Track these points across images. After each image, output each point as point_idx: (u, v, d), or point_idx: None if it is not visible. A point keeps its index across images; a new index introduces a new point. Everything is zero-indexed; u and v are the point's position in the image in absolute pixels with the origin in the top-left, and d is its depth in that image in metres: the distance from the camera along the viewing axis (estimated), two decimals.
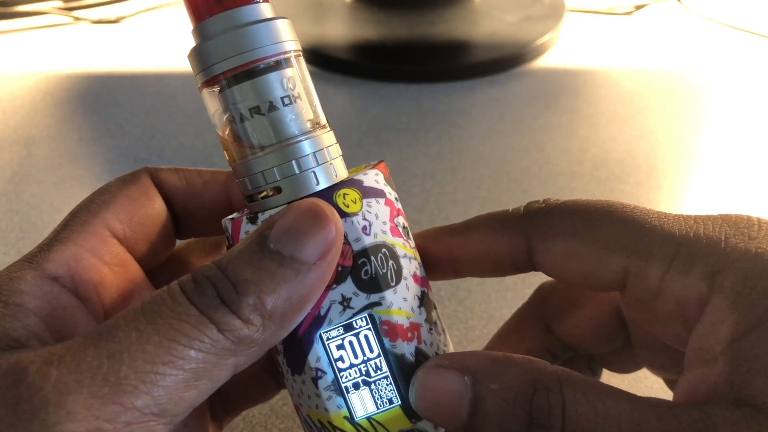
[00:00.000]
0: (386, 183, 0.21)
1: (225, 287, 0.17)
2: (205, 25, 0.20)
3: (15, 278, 0.19)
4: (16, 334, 0.18)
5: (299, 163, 0.20)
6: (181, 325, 0.17)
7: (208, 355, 0.17)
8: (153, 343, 0.16)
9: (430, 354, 0.21)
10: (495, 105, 0.52)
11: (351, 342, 0.20)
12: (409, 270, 0.21)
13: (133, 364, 0.16)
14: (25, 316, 0.18)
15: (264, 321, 0.17)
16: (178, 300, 0.17)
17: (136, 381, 0.16)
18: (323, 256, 0.18)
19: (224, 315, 0.17)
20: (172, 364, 0.16)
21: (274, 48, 0.19)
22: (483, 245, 0.22)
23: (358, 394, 0.20)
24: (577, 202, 0.21)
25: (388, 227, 0.20)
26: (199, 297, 0.17)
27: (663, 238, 0.19)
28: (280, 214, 0.18)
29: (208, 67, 0.20)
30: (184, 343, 0.16)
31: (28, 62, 0.59)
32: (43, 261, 0.19)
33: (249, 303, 0.17)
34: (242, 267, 0.18)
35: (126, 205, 0.21)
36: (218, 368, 0.17)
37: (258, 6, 0.20)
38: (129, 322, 0.17)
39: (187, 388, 0.17)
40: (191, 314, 0.17)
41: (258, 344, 0.18)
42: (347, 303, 0.20)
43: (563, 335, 0.25)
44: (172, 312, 0.17)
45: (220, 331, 0.17)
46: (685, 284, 0.19)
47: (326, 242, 0.18)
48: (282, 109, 0.20)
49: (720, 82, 0.54)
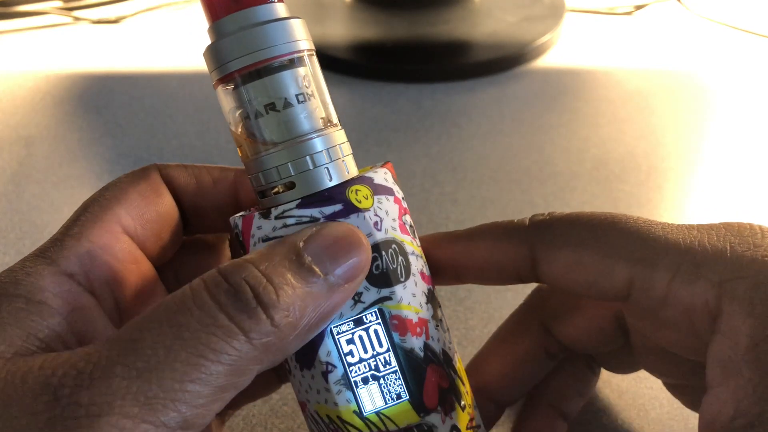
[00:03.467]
0: (394, 182, 0.22)
1: (265, 289, 0.17)
2: (221, 24, 0.20)
3: (32, 273, 0.19)
4: (41, 335, 0.18)
5: (313, 159, 0.20)
6: (210, 339, 0.16)
7: (235, 367, 0.17)
8: (181, 361, 0.16)
9: (437, 350, 0.21)
10: (495, 105, 0.52)
11: (361, 336, 0.20)
12: (417, 267, 0.21)
13: (162, 383, 0.16)
14: (50, 315, 0.18)
15: (290, 329, 0.18)
16: (206, 309, 0.17)
17: (165, 399, 0.16)
18: (352, 279, 0.19)
19: (257, 320, 0.17)
20: (200, 381, 0.16)
21: (288, 46, 0.20)
22: (487, 253, 0.23)
23: (367, 388, 0.20)
24: (581, 214, 0.22)
25: (397, 224, 0.21)
26: (232, 300, 0.17)
27: (668, 247, 0.20)
28: (313, 230, 0.19)
29: (224, 64, 0.20)
30: (212, 359, 0.16)
31: (28, 62, 0.59)
32: (57, 257, 0.19)
33: (284, 308, 0.17)
34: (281, 272, 0.18)
35: (137, 202, 0.21)
36: (243, 377, 0.17)
37: (273, 5, 0.20)
38: (156, 336, 0.17)
39: (214, 401, 0.17)
40: (220, 325, 0.17)
41: (281, 353, 0.18)
42: (358, 297, 0.20)
43: (561, 336, 0.25)
44: (199, 324, 0.17)
45: (248, 339, 0.17)
46: (691, 293, 0.19)
47: (358, 268, 0.19)
48: (296, 106, 0.20)
49: (720, 82, 0.54)
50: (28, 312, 0.18)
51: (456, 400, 0.21)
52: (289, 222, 0.20)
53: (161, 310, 0.17)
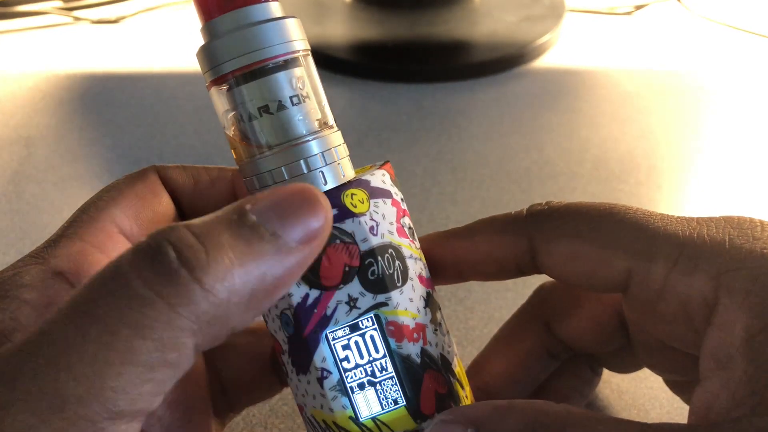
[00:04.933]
0: (392, 184, 0.21)
1: (192, 248, 0.15)
2: (214, 24, 0.20)
3: (19, 273, 0.19)
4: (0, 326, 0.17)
5: (307, 162, 0.20)
6: (123, 312, 0.14)
7: (162, 342, 0.15)
8: (91, 341, 0.14)
9: (435, 355, 0.21)
10: (495, 105, 0.52)
11: (357, 342, 0.20)
12: (415, 271, 0.21)
13: (72, 369, 0.14)
14: (16, 307, 0.18)
15: (230, 295, 0.15)
16: (121, 278, 0.15)
17: (78, 389, 0.14)
18: (307, 242, 0.17)
19: (179, 283, 0.15)
20: (117, 361, 0.14)
21: (283, 47, 0.20)
22: (487, 247, 0.22)
23: (363, 394, 0.20)
24: (580, 204, 0.21)
25: (394, 228, 0.20)
26: (150, 264, 0.15)
27: (666, 239, 0.20)
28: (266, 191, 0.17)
29: (217, 65, 0.20)
30: (127, 334, 0.14)
31: (28, 62, 0.59)
32: (48, 256, 0.19)
33: (218, 270, 0.15)
34: (216, 231, 0.16)
35: (134, 202, 0.21)
36: (175, 352, 0.15)
37: (267, 5, 0.20)
38: (66, 316, 0.15)
39: (141, 383, 0.15)
40: (133, 294, 0.15)
41: (223, 324, 0.16)
42: (354, 303, 0.20)
43: (563, 335, 0.25)
44: (113, 296, 0.15)
45: (170, 307, 0.15)
46: (689, 285, 0.19)
47: (313, 228, 0.17)
48: (291, 108, 0.20)
49: (720, 82, 0.54)
50: None
51: (454, 405, 0.21)
52: None
53: (80, 289, 0.15)
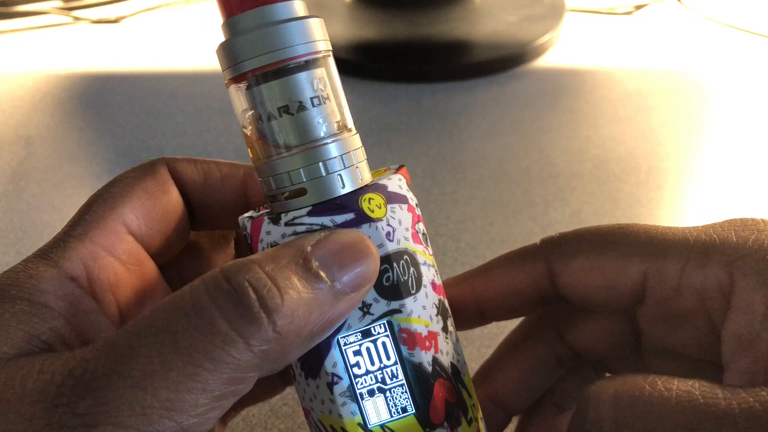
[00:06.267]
0: (408, 189, 0.21)
1: (270, 292, 0.17)
2: (236, 20, 0.19)
3: (34, 276, 0.19)
4: (44, 336, 0.18)
5: (326, 165, 0.19)
6: (207, 347, 0.16)
7: (234, 375, 0.16)
8: (177, 370, 0.16)
9: (446, 364, 0.20)
10: (495, 105, 0.52)
11: (368, 348, 0.20)
12: (428, 278, 0.20)
13: (157, 393, 0.16)
14: (52, 317, 0.18)
15: (294, 336, 0.17)
16: (204, 314, 0.16)
17: (161, 409, 0.16)
18: (359, 289, 0.18)
19: (258, 325, 0.16)
20: (196, 390, 0.16)
21: (305, 47, 0.19)
22: (506, 280, 0.23)
23: (373, 401, 0.20)
24: (589, 227, 0.23)
25: (410, 234, 0.20)
26: (233, 304, 0.16)
27: (676, 240, 0.21)
28: (322, 235, 0.18)
29: (237, 63, 0.19)
30: (209, 368, 0.16)
31: (28, 62, 0.59)
32: (59, 259, 0.19)
33: (288, 314, 0.17)
34: (285, 273, 0.17)
35: (143, 200, 0.21)
36: (242, 384, 0.17)
37: (291, 3, 0.19)
38: (152, 343, 0.16)
39: (212, 410, 0.16)
40: (218, 332, 0.16)
41: (281, 360, 0.17)
42: (367, 309, 0.19)
43: (574, 343, 0.25)
44: (196, 331, 0.16)
45: (248, 347, 0.16)
46: (704, 276, 0.20)
47: (365, 277, 0.18)
48: (311, 109, 0.19)
49: (720, 82, 0.54)
50: (30, 314, 0.18)
51: (462, 415, 0.21)
52: (299, 230, 0.19)
53: (159, 315, 0.17)
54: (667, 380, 0.17)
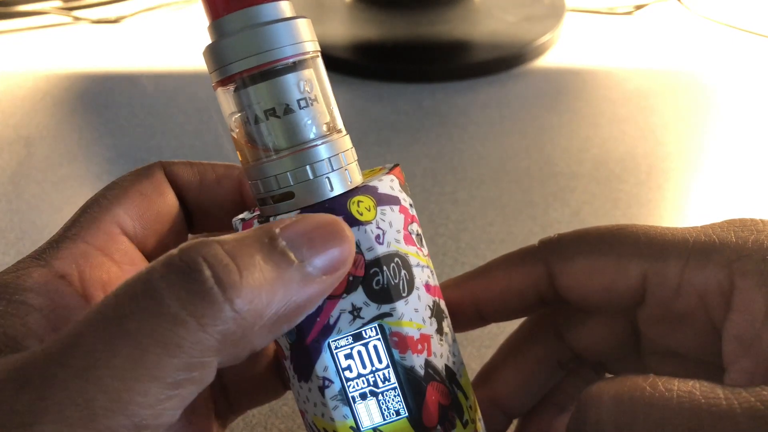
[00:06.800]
0: (401, 189, 0.21)
1: (226, 268, 0.15)
2: (222, 22, 0.19)
3: (21, 276, 0.18)
4: (12, 332, 0.17)
5: (313, 168, 0.19)
6: (155, 329, 0.15)
7: (189, 360, 0.15)
8: (122, 356, 0.14)
9: (440, 366, 0.20)
10: (495, 105, 0.52)
11: (360, 352, 0.19)
12: (422, 279, 0.20)
13: (101, 383, 0.14)
14: (26, 313, 0.18)
15: (256, 317, 0.16)
16: (152, 293, 0.15)
17: (106, 401, 0.14)
18: (331, 272, 0.17)
19: (212, 303, 0.15)
20: (145, 378, 0.15)
21: (292, 49, 0.19)
22: (505, 281, 0.23)
23: (365, 404, 0.20)
24: (588, 228, 0.22)
25: (401, 236, 0.20)
26: (183, 280, 0.15)
27: (675, 241, 0.21)
28: (293, 219, 0.18)
29: (224, 66, 0.19)
30: (158, 353, 0.15)
31: (28, 62, 0.59)
32: (51, 258, 0.19)
33: (248, 292, 0.15)
34: (248, 252, 0.16)
35: (137, 202, 0.21)
36: (200, 371, 0.15)
37: (277, 4, 0.19)
38: (96, 330, 0.15)
39: (166, 399, 0.15)
40: (166, 312, 0.15)
41: (244, 345, 0.16)
42: (357, 313, 0.19)
43: (575, 344, 0.25)
44: (144, 312, 0.15)
45: (201, 327, 0.15)
46: (704, 276, 0.20)
47: (338, 259, 0.17)
48: (298, 112, 0.19)
49: (720, 82, 0.54)
50: (6, 314, 0.17)
51: (458, 417, 0.21)
52: None
53: (110, 300, 0.15)
54: (668, 381, 0.17)
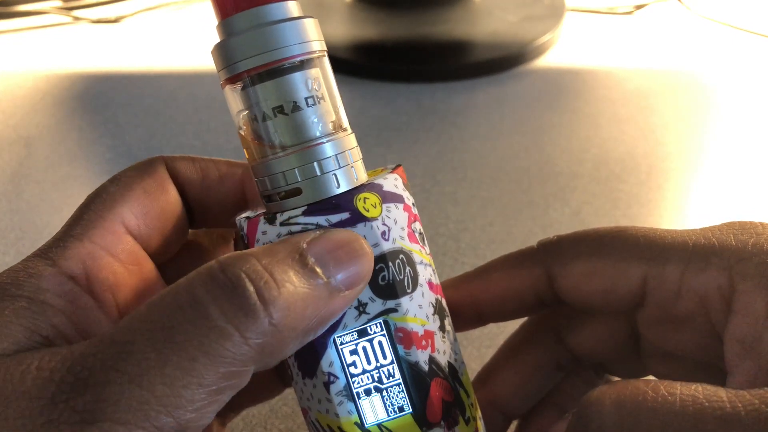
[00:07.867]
0: (404, 188, 0.21)
1: (267, 284, 0.17)
2: (231, 21, 0.19)
3: (34, 275, 0.19)
4: (44, 332, 0.18)
5: (321, 165, 0.19)
6: (202, 341, 0.16)
7: (230, 369, 0.16)
8: (172, 365, 0.16)
9: (443, 363, 0.20)
10: (495, 105, 0.52)
11: (365, 347, 0.20)
12: (425, 277, 0.21)
13: (154, 389, 0.16)
14: (53, 314, 0.18)
15: (289, 330, 0.17)
16: (199, 307, 0.16)
17: (157, 405, 0.16)
18: (353, 287, 0.18)
19: (254, 317, 0.16)
20: (193, 385, 0.16)
21: (300, 48, 0.19)
22: (504, 283, 0.23)
23: (370, 400, 0.20)
24: (588, 230, 0.23)
25: (405, 233, 0.20)
26: (229, 296, 0.16)
27: (675, 244, 0.21)
28: (317, 233, 0.19)
29: (232, 64, 0.19)
30: (204, 363, 0.16)
31: (28, 62, 0.59)
32: (59, 258, 0.19)
33: (285, 307, 0.17)
34: (282, 267, 0.17)
35: (141, 199, 0.21)
36: (239, 378, 0.17)
37: (285, 4, 0.19)
38: (147, 339, 0.16)
39: (209, 404, 0.16)
40: (213, 326, 0.16)
41: (277, 354, 0.17)
42: (363, 308, 0.19)
43: (575, 346, 0.25)
44: (192, 325, 0.16)
45: (244, 340, 0.16)
46: (704, 280, 0.20)
47: (360, 276, 0.18)
48: (306, 109, 0.20)
49: (720, 82, 0.54)
50: (30, 311, 0.18)
51: (460, 414, 0.21)
52: (294, 229, 0.19)
53: (155, 309, 0.17)
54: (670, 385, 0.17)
